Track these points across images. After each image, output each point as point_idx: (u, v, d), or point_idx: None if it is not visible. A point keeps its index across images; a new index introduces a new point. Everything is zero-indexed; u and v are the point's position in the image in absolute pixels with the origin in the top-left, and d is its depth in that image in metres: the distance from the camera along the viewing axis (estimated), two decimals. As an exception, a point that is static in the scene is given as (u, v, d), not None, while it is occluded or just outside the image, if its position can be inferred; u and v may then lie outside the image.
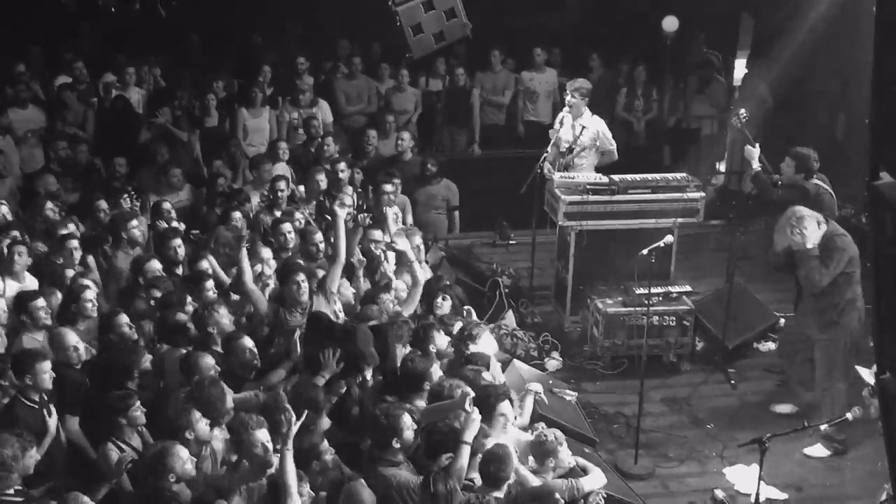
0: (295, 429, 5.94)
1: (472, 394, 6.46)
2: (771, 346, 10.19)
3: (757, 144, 9.34)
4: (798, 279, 8.46)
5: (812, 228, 8.12)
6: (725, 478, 8.25)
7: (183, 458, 5.88)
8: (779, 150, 13.04)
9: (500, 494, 6.08)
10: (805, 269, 8.21)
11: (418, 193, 11.29)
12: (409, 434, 6.22)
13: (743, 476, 8.11)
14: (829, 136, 12.66)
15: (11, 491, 5.75)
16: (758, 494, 6.80)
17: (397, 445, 6.18)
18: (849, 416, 6.59)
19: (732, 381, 9.63)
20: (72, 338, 7.18)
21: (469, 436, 6.23)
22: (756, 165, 9.25)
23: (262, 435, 6.01)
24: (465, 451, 6.20)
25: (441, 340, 7.70)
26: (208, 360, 7.05)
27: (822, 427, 6.84)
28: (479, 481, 6.22)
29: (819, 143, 9.81)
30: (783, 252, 8.43)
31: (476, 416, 6.30)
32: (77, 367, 7.15)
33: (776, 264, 8.94)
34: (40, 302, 7.60)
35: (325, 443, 6.52)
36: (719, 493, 8.01)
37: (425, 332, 7.68)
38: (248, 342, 7.38)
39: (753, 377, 9.77)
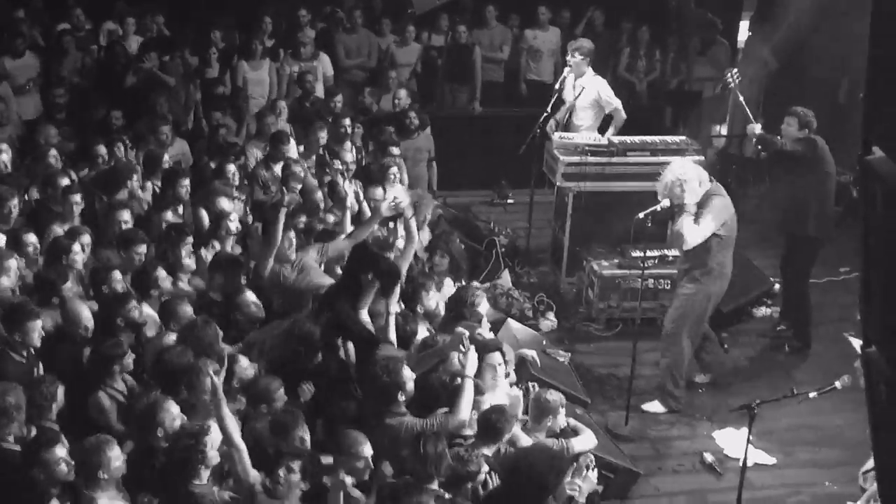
0: (220, 379, 5.98)
1: (467, 332, 6.49)
2: (765, 310, 10.24)
3: (760, 123, 9.25)
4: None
5: (693, 186, 8.11)
6: (715, 441, 8.31)
7: (173, 414, 5.89)
8: (780, 114, 13.07)
9: (488, 452, 6.09)
10: (678, 224, 8.21)
11: (405, 147, 11.09)
12: (410, 385, 6.26)
13: (732, 440, 8.16)
14: (831, 100, 12.58)
15: (12, 438, 5.78)
16: (745, 458, 6.81)
17: (402, 398, 6.22)
18: (837, 384, 6.59)
19: (725, 346, 9.64)
20: (86, 314, 7.08)
21: (471, 370, 6.29)
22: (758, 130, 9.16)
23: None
24: (469, 385, 6.27)
25: (431, 301, 7.69)
26: (187, 308, 7.08)
27: (812, 395, 6.82)
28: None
29: (821, 106, 9.76)
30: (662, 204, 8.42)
31: (473, 352, 6.34)
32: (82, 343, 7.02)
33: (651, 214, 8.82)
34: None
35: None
36: (708, 457, 8.10)
37: (414, 291, 7.67)
38: (251, 296, 7.42)
39: (746, 342, 9.82)
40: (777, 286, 10.25)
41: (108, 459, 5.37)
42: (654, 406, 8.62)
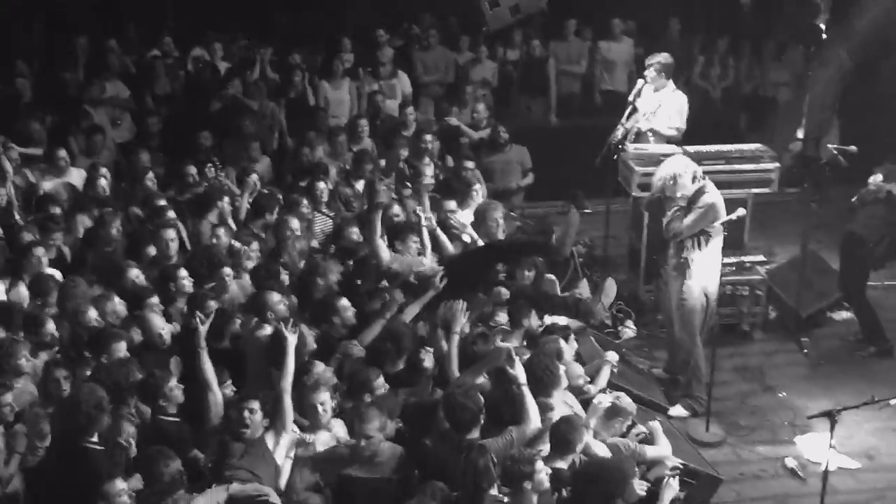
0: (204, 328, 6.50)
1: (510, 346, 6.55)
2: (845, 314, 10.09)
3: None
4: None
5: (686, 182, 8.18)
6: (797, 447, 8.23)
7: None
8: (857, 115, 12.90)
9: (564, 465, 6.04)
10: (669, 216, 8.27)
11: (494, 161, 11.27)
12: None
13: (814, 445, 8.07)
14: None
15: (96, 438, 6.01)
16: (828, 463, 6.75)
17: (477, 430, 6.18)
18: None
19: (805, 350, 9.56)
20: (158, 322, 7.33)
21: (523, 379, 6.27)
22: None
23: None
24: (527, 393, 6.25)
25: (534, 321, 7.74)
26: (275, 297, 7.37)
27: (893, 402, 6.75)
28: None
29: (891, 106, 9.63)
30: (655, 195, 8.60)
31: (519, 364, 6.33)
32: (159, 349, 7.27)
33: (646, 205, 9.13)
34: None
35: None
36: (790, 462, 8.03)
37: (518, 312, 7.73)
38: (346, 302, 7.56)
39: (827, 346, 9.68)
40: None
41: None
42: (678, 410, 8.54)
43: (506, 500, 5.39)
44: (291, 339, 6.33)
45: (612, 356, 7.81)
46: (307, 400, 6.34)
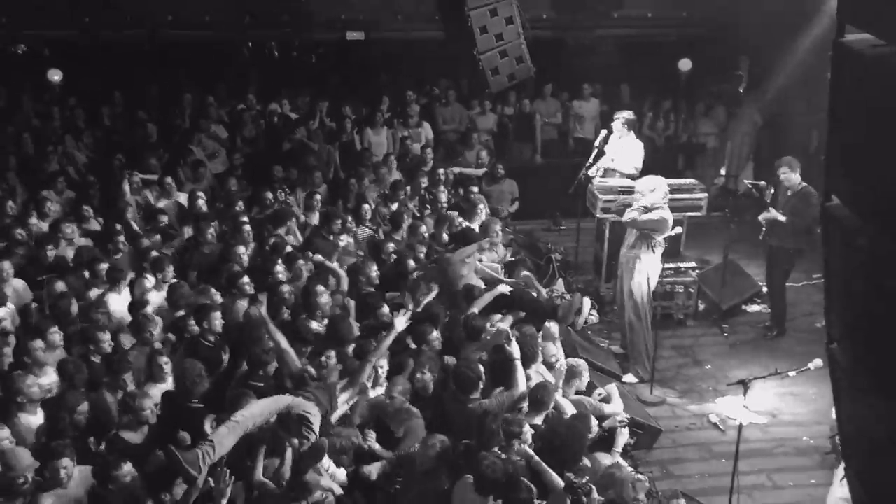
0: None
1: (510, 330, 6.43)
2: (756, 307, 10.06)
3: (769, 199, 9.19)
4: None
5: (659, 194, 8.19)
6: (718, 406, 8.21)
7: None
8: (768, 160, 12.81)
9: (539, 420, 5.97)
10: (633, 207, 8.28)
11: (492, 190, 11.21)
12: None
13: (732, 405, 8.04)
14: (803, 150, 12.27)
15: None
16: (742, 419, 6.71)
17: (477, 392, 6.10)
18: (811, 366, 6.44)
19: (725, 334, 9.53)
20: (242, 304, 7.31)
21: (517, 355, 6.15)
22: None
23: None
24: (519, 366, 6.12)
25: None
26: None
27: (791, 374, 6.68)
28: None
29: (795, 154, 9.54)
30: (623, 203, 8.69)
31: (515, 343, 6.23)
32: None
33: (616, 209, 9.03)
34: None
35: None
36: (713, 418, 8.02)
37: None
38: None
39: (742, 331, 9.66)
40: (765, 289, 10.06)
41: None
42: (629, 377, 8.50)
43: (502, 455, 5.31)
44: (398, 325, 6.14)
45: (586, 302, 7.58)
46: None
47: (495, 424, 5.52)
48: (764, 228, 9.09)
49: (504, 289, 7.29)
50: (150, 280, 7.77)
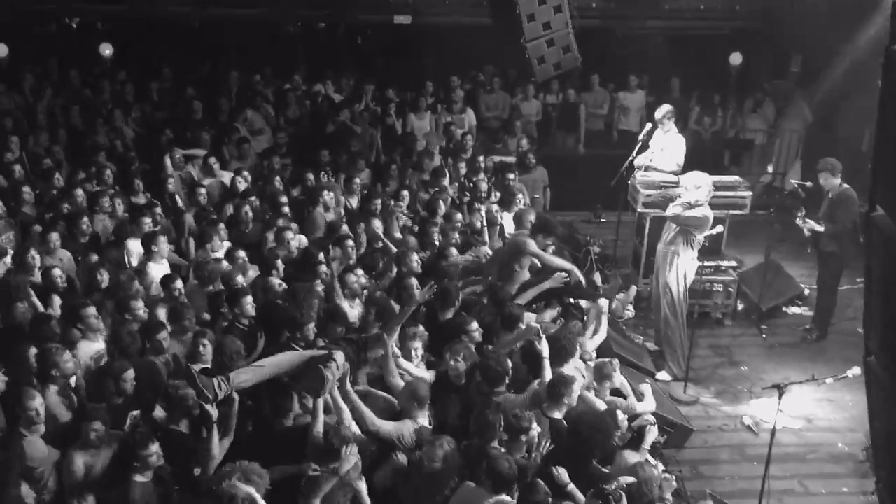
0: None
1: (539, 326, 6.37)
2: (797, 310, 9.89)
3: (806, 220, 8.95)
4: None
5: (704, 192, 8.05)
6: (753, 408, 8.10)
7: None
8: (815, 157, 12.56)
9: (559, 414, 5.83)
10: (676, 202, 8.19)
11: (525, 179, 10.96)
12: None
13: (766, 408, 7.91)
14: (855, 148, 12.01)
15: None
16: (776, 423, 6.61)
17: (503, 386, 6.06)
18: (849, 374, 6.29)
19: (764, 336, 9.38)
20: (276, 282, 7.35)
21: (546, 352, 6.09)
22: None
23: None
24: (547, 363, 6.07)
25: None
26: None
27: (829, 380, 6.56)
28: None
29: (846, 153, 9.35)
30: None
31: (544, 340, 6.18)
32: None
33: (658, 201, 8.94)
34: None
35: None
36: (747, 420, 7.92)
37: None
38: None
39: (781, 333, 9.50)
40: (807, 291, 9.88)
41: None
42: (663, 375, 8.43)
43: (503, 449, 5.23)
44: (419, 298, 6.39)
45: (603, 302, 7.36)
46: (407, 346, 6.38)
47: (493, 416, 5.39)
48: (808, 234, 8.95)
49: (552, 283, 7.31)
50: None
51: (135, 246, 7.95)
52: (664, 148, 9.78)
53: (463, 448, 5.34)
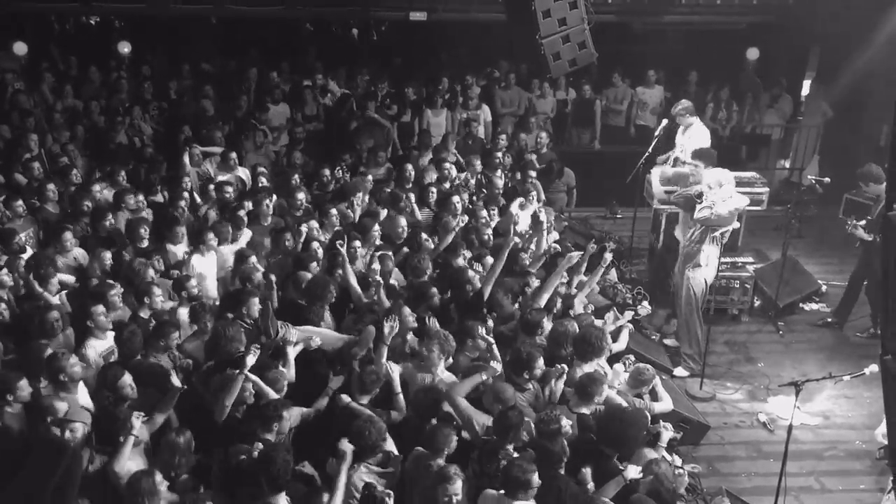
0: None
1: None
2: (814, 306, 9.84)
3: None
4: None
5: (727, 190, 8.00)
6: (769, 405, 8.07)
7: None
8: (833, 153, 12.49)
9: (587, 410, 5.93)
10: (699, 207, 8.07)
11: (551, 190, 10.98)
12: (536, 372, 6.19)
13: (783, 405, 7.90)
14: (874, 144, 11.91)
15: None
16: (792, 420, 6.58)
17: (527, 376, 6.14)
18: (866, 371, 6.28)
19: (781, 332, 9.33)
20: (306, 275, 7.38)
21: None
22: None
23: None
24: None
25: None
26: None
27: (846, 377, 6.52)
28: None
29: (866, 149, 9.26)
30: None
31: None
32: None
33: (676, 200, 8.81)
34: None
35: None
36: (763, 417, 7.89)
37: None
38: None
39: (798, 329, 9.44)
40: (824, 287, 9.81)
41: None
42: (680, 371, 8.41)
43: (515, 454, 5.24)
44: None
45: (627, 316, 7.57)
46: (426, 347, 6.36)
47: (517, 418, 5.42)
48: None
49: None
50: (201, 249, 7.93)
51: (177, 249, 8.02)
52: (685, 148, 9.69)
53: (480, 446, 5.39)
